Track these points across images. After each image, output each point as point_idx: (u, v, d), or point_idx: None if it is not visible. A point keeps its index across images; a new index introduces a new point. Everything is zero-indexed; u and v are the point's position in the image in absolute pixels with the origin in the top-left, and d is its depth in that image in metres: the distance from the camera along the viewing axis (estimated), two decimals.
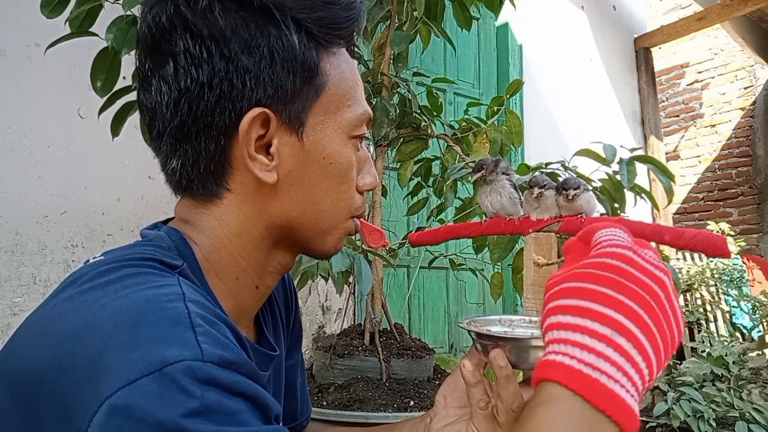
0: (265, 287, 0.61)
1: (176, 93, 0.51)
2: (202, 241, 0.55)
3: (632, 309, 0.39)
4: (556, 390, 0.37)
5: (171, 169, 0.55)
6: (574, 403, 0.36)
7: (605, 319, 0.38)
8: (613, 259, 0.41)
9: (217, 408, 0.37)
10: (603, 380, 0.37)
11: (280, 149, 0.53)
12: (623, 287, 0.39)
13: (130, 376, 0.37)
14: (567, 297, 0.41)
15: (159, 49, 0.52)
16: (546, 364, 0.39)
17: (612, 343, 0.37)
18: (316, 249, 0.60)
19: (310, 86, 0.53)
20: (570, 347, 0.38)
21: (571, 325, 0.39)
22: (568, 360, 0.38)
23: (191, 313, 0.41)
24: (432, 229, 0.96)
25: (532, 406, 0.38)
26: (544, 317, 0.42)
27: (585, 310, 0.39)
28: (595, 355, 0.37)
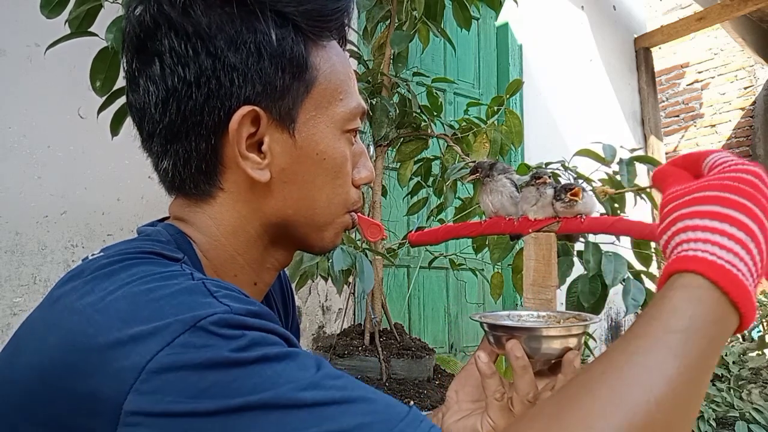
0: (264, 284, 0.60)
1: (164, 93, 0.51)
2: (199, 238, 0.55)
3: (763, 221, 0.42)
4: (697, 279, 0.40)
5: (163, 170, 0.54)
6: (713, 293, 0.40)
7: (742, 225, 0.41)
8: (749, 175, 0.44)
9: (261, 341, 0.39)
10: (740, 276, 0.40)
11: (272, 147, 0.53)
12: (756, 200, 0.43)
13: (166, 339, 0.37)
14: (704, 203, 0.43)
15: (144, 49, 0.51)
16: (687, 258, 0.41)
17: (746, 248, 0.41)
18: (314, 245, 0.60)
19: (300, 81, 0.52)
20: (711, 246, 0.41)
21: (711, 227, 0.42)
22: (710, 256, 0.41)
23: (205, 283, 0.42)
24: (432, 229, 0.96)
25: (670, 289, 0.41)
26: (679, 218, 0.44)
27: (725, 215, 0.42)
28: (733, 255, 0.41)
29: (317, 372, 0.39)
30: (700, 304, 0.39)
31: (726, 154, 0.48)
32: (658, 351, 0.38)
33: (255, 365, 0.37)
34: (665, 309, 0.40)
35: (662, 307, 0.40)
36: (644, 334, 0.39)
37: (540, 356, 0.58)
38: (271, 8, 0.50)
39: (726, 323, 0.40)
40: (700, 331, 0.39)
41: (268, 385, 0.37)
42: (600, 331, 3.68)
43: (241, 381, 0.37)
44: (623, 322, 3.89)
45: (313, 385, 0.38)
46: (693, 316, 0.39)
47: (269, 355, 0.38)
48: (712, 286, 0.40)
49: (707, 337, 0.39)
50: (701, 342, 0.38)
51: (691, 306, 0.39)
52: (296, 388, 0.37)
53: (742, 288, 0.40)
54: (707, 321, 0.39)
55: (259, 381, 0.37)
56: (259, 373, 0.37)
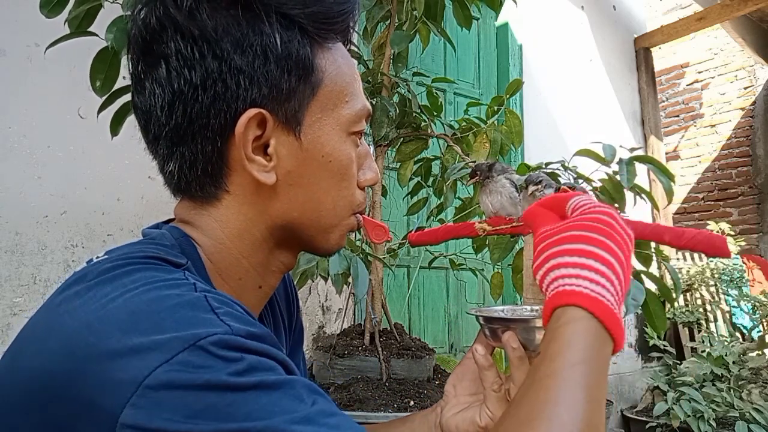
0: (268, 287, 0.60)
1: (170, 95, 0.51)
2: (204, 241, 0.55)
3: (619, 256, 0.48)
4: (577, 312, 0.46)
5: (168, 172, 0.54)
6: (592, 323, 0.46)
7: (605, 261, 0.47)
8: (604, 216, 0.51)
9: (258, 365, 0.39)
10: (610, 306, 0.46)
11: (278, 149, 0.53)
12: (613, 237, 0.49)
13: (165, 355, 0.37)
14: (572, 242, 0.49)
15: (150, 51, 0.51)
16: (567, 293, 0.47)
17: (609, 280, 0.47)
18: (320, 247, 0.60)
19: (306, 84, 0.53)
20: (582, 280, 0.47)
21: (580, 264, 0.47)
22: (584, 290, 0.46)
23: (207, 298, 0.42)
24: (432, 229, 0.96)
25: (557, 326, 0.46)
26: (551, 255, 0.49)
27: (590, 252, 0.48)
28: (601, 287, 0.47)
29: (312, 406, 0.39)
30: (586, 334, 0.45)
31: (585, 198, 0.54)
32: (569, 387, 0.42)
33: (251, 391, 0.37)
34: (562, 344, 0.45)
35: (559, 343, 0.45)
36: (552, 372, 0.43)
37: (535, 347, 0.60)
38: (277, 11, 0.50)
39: (606, 348, 0.46)
40: (594, 359, 0.44)
41: (263, 413, 0.37)
42: None
43: (236, 406, 0.37)
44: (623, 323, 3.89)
45: (306, 420, 0.37)
46: (585, 348, 0.44)
47: (266, 382, 0.38)
48: (590, 316, 0.46)
49: (598, 363, 0.44)
50: (596, 368, 0.44)
51: (581, 338, 0.45)
52: (289, 421, 0.37)
53: (612, 316, 0.46)
54: (595, 349, 0.45)
55: (254, 408, 0.37)
56: (254, 400, 0.37)
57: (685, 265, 4.08)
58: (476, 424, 0.63)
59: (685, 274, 3.95)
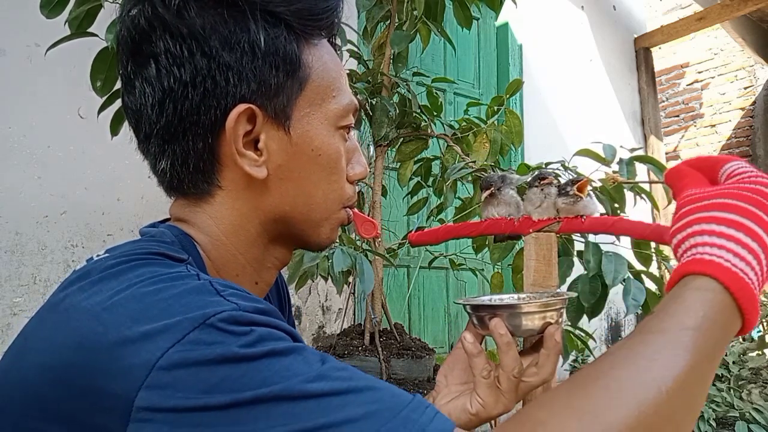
0: (264, 283, 0.61)
1: (160, 94, 0.51)
2: (201, 238, 0.55)
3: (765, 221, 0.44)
4: (710, 283, 0.43)
5: (161, 170, 0.55)
6: (724, 297, 0.42)
7: (756, 236, 0.44)
8: (766, 188, 0.46)
9: (268, 336, 0.40)
10: (750, 285, 0.43)
11: (268, 144, 0.53)
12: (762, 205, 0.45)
13: (176, 336, 0.38)
14: (722, 210, 0.45)
15: (140, 51, 0.52)
16: (702, 261, 0.44)
17: (758, 257, 0.44)
18: (311, 241, 0.60)
19: (293, 79, 0.53)
20: (725, 252, 0.44)
21: (726, 234, 0.44)
22: (724, 262, 0.43)
23: (212, 282, 0.43)
24: (432, 229, 0.96)
25: (682, 290, 0.43)
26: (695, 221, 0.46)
27: (740, 224, 0.44)
28: (745, 263, 0.43)
29: (323, 365, 0.40)
30: (711, 305, 0.42)
31: (744, 165, 0.50)
32: (671, 346, 0.40)
33: (263, 360, 0.38)
34: (680, 307, 0.42)
35: (677, 305, 0.42)
36: (659, 329, 0.41)
37: (522, 333, 0.61)
38: (263, 8, 0.51)
39: (731, 326, 0.43)
40: (710, 331, 0.41)
41: (277, 378, 0.38)
42: (600, 331, 3.68)
43: (250, 375, 0.37)
44: (623, 322, 3.89)
45: (320, 377, 0.39)
46: (705, 316, 0.41)
47: (277, 349, 0.39)
48: (724, 290, 0.42)
49: (715, 337, 0.41)
50: (710, 341, 0.41)
51: (704, 307, 0.42)
52: (304, 380, 0.38)
53: (750, 295, 0.43)
54: (717, 322, 0.41)
55: (268, 375, 0.38)
56: (267, 367, 0.38)
57: None
58: (467, 411, 0.64)
59: None
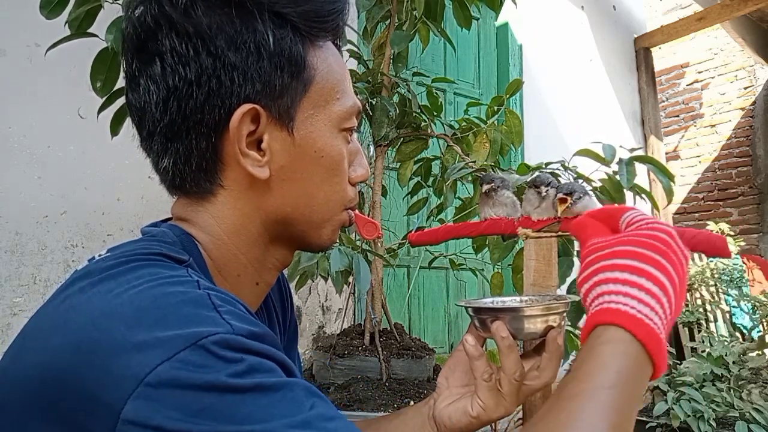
0: (265, 284, 0.61)
1: (165, 92, 0.51)
2: (202, 238, 0.55)
3: (674, 278, 0.46)
4: (620, 334, 0.44)
5: (163, 169, 0.55)
6: (634, 347, 0.44)
7: (657, 281, 0.45)
8: (662, 233, 0.48)
9: (258, 367, 0.39)
10: (656, 330, 0.44)
11: (271, 144, 0.54)
12: (669, 257, 0.47)
13: (167, 353, 0.37)
14: (623, 257, 0.47)
15: (145, 49, 0.52)
16: (611, 311, 0.45)
17: (660, 302, 0.45)
18: (312, 242, 0.60)
19: (298, 80, 0.54)
20: (630, 299, 0.45)
21: (629, 281, 0.45)
22: (630, 309, 0.44)
23: (210, 296, 0.43)
24: (432, 229, 0.96)
25: (595, 345, 0.44)
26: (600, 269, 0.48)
27: (642, 270, 0.46)
28: (650, 309, 0.44)
29: (310, 410, 0.39)
30: (624, 357, 0.43)
31: (640, 213, 0.52)
32: (594, 410, 0.41)
33: (250, 393, 0.38)
34: (596, 365, 0.43)
35: (592, 363, 0.44)
36: (580, 392, 0.42)
37: (524, 336, 0.61)
38: (270, 9, 0.51)
39: (644, 374, 0.44)
40: (627, 384, 0.42)
41: (261, 416, 0.37)
42: None
43: (235, 408, 0.37)
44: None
45: (304, 424, 0.38)
46: (620, 371, 0.43)
47: (265, 384, 0.39)
48: (633, 339, 0.44)
49: (633, 388, 0.43)
50: (629, 394, 0.42)
51: (617, 361, 0.43)
52: (288, 425, 0.37)
53: (657, 340, 0.44)
54: (631, 373, 0.43)
55: (253, 410, 0.37)
56: (253, 401, 0.38)
57: None
58: (468, 414, 0.64)
59: None
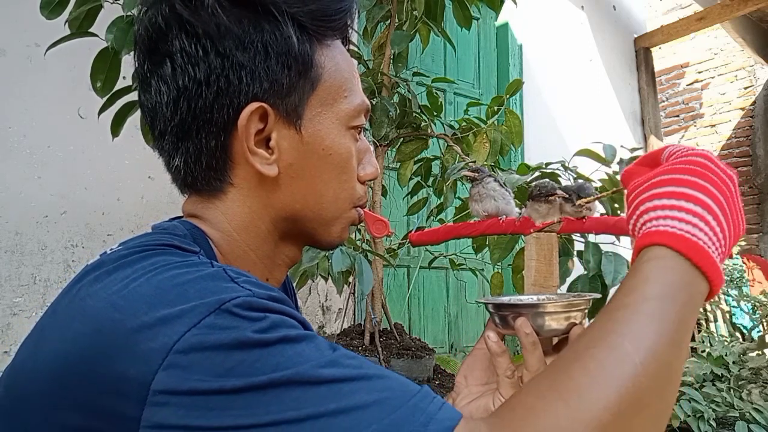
0: (275, 280, 0.62)
1: (175, 92, 0.52)
2: (213, 234, 0.56)
3: (716, 196, 0.47)
4: (662, 251, 0.45)
5: (174, 168, 0.56)
6: (678, 261, 0.44)
7: (697, 200, 0.46)
8: (699, 157, 0.49)
9: (281, 323, 0.41)
10: (699, 243, 0.44)
11: (280, 142, 0.54)
12: (708, 178, 0.47)
13: (192, 320, 0.38)
14: (662, 186, 0.48)
15: (156, 50, 0.53)
16: (651, 233, 0.46)
17: (704, 219, 0.46)
18: (322, 240, 0.61)
19: (305, 79, 0.54)
20: (670, 220, 0.46)
21: (669, 205, 0.46)
22: (670, 228, 0.45)
23: (226, 270, 0.44)
24: (432, 229, 0.96)
25: (641, 263, 0.45)
26: (641, 202, 0.49)
27: (680, 193, 0.47)
28: (692, 226, 0.45)
29: (334, 352, 0.41)
30: (669, 271, 0.44)
31: (679, 146, 0.53)
32: (638, 318, 0.41)
33: (277, 345, 0.39)
34: (639, 280, 0.44)
35: (636, 278, 0.44)
36: (623, 305, 0.43)
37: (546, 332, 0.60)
38: (277, 9, 0.52)
39: (695, 287, 0.44)
40: (673, 296, 0.43)
41: (290, 363, 0.39)
42: None
43: (264, 360, 0.38)
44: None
45: (331, 363, 0.39)
46: (664, 284, 0.43)
47: (290, 336, 0.40)
48: (676, 255, 0.44)
49: (680, 300, 0.43)
50: (675, 306, 0.42)
51: (661, 274, 0.44)
52: (316, 366, 0.39)
53: (703, 253, 0.44)
54: (678, 286, 0.43)
55: (281, 360, 0.39)
56: (281, 352, 0.39)
57: None
58: (490, 411, 0.63)
59: None
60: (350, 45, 0.63)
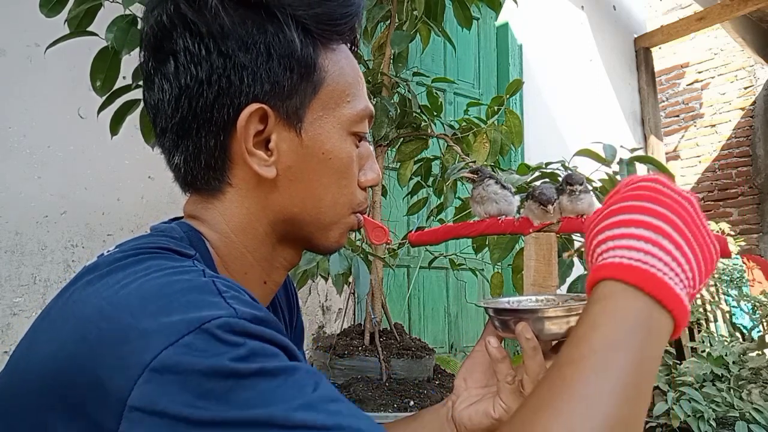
0: (273, 283, 0.61)
1: (177, 90, 0.53)
2: (211, 235, 0.56)
3: (671, 219, 0.43)
4: (612, 285, 0.41)
5: (175, 165, 0.56)
6: (631, 294, 0.40)
7: (648, 225, 0.42)
8: (649, 182, 0.46)
9: (261, 351, 0.39)
10: (652, 271, 0.40)
11: (279, 144, 0.54)
12: (661, 202, 0.44)
13: (170, 338, 0.38)
14: (610, 216, 0.45)
15: (161, 48, 0.53)
16: (598, 268, 0.42)
17: (657, 244, 0.41)
18: (319, 244, 0.61)
19: (307, 82, 0.54)
20: (619, 251, 0.42)
21: (618, 234, 0.43)
22: (618, 259, 0.41)
23: (215, 282, 0.43)
24: (432, 229, 0.96)
25: (590, 304, 0.41)
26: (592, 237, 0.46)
27: (629, 221, 0.43)
28: (643, 253, 0.41)
29: (313, 392, 0.39)
30: (619, 311, 0.40)
31: (632, 176, 0.49)
32: (586, 377, 0.38)
33: (251, 378, 0.38)
34: (588, 327, 0.40)
35: (585, 326, 0.41)
36: (571, 360, 0.39)
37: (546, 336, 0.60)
38: (282, 11, 0.52)
39: (654, 321, 0.40)
40: (625, 342, 0.39)
41: (261, 401, 0.37)
42: None
43: (236, 393, 0.37)
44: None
45: (307, 406, 0.38)
46: (615, 328, 0.39)
47: (266, 368, 0.39)
48: (628, 287, 0.40)
49: (634, 344, 0.39)
50: (629, 352, 0.38)
51: (611, 317, 0.40)
52: (289, 408, 0.37)
53: (657, 282, 0.40)
54: (631, 328, 0.39)
55: (253, 395, 0.37)
56: (254, 386, 0.38)
57: None
58: (490, 415, 0.63)
59: None
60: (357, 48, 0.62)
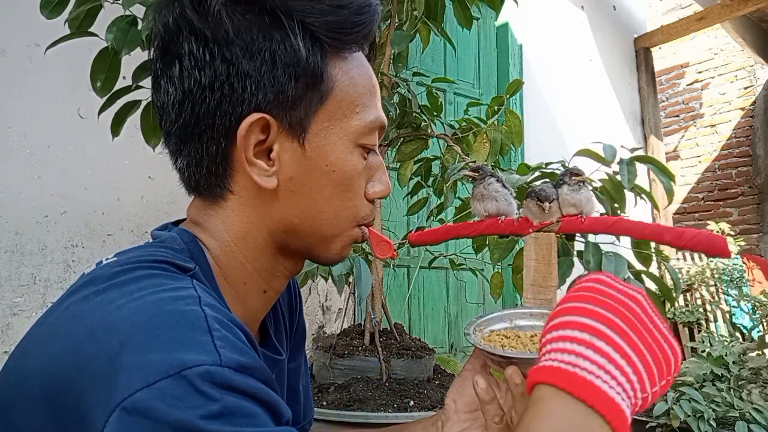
0: (273, 291, 0.60)
1: (180, 94, 0.52)
2: (211, 244, 0.55)
3: (609, 318, 0.42)
4: (543, 390, 0.40)
5: (179, 168, 0.56)
6: (561, 399, 0.39)
7: (582, 326, 0.41)
8: (592, 282, 0.45)
9: (236, 410, 0.38)
10: (582, 374, 0.39)
11: (281, 155, 0.53)
12: (601, 302, 0.43)
13: (148, 379, 0.37)
14: (552, 319, 0.44)
15: (167, 50, 0.53)
16: (533, 372, 0.42)
17: (591, 345, 0.40)
18: (320, 256, 0.59)
19: (314, 92, 0.53)
20: (553, 353, 0.41)
21: (554, 337, 0.42)
22: (550, 362, 0.41)
23: (208, 317, 0.42)
24: (432, 229, 0.96)
25: (525, 409, 0.41)
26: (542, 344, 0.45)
27: (564, 323, 0.42)
28: (574, 356, 0.40)
29: None
30: (549, 417, 0.39)
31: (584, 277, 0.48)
32: None
33: None
34: None
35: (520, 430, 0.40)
36: None
37: None
38: (291, 18, 0.51)
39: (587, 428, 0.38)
40: None
41: None
42: None
43: None
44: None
45: None
46: None
47: None
48: (558, 392, 0.39)
49: None
50: None
51: (540, 423, 0.39)
52: None
53: (585, 385, 0.38)
54: None
55: None
56: None
57: (685, 265, 4.08)
58: None
59: (685, 274, 3.95)
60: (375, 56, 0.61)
